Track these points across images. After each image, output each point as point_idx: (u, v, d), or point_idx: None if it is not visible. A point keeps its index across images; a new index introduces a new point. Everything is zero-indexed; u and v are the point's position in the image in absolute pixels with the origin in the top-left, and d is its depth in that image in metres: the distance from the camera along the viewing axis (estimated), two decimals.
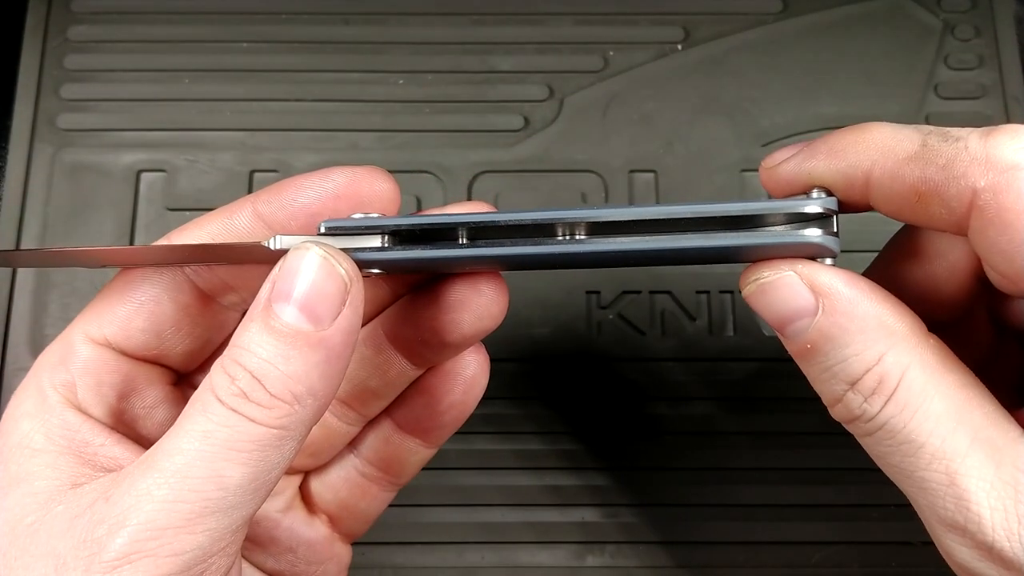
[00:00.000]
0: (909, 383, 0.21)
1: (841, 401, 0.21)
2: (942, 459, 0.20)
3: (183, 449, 0.21)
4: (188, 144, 0.36)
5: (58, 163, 0.36)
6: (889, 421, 0.21)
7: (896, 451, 0.21)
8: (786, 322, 0.22)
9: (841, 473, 0.33)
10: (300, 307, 0.21)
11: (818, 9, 0.38)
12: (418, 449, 0.28)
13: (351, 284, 0.22)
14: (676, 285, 0.35)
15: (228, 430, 0.21)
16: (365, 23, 0.38)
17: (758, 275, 0.22)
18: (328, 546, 0.28)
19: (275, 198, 0.24)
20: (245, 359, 0.21)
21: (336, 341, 0.21)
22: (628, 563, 0.33)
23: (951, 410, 0.20)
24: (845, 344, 0.21)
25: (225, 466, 0.20)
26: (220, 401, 0.21)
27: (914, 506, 0.22)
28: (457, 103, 0.37)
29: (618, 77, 0.37)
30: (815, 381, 0.22)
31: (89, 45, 0.37)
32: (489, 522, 0.33)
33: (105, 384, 0.24)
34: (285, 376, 0.21)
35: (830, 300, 0.21)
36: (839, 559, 0.33)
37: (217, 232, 0.24)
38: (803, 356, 0.22)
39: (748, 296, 0.23)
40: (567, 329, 0.35)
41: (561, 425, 0.34)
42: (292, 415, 0.21)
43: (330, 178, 0.24)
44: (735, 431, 0.34)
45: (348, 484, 0.29)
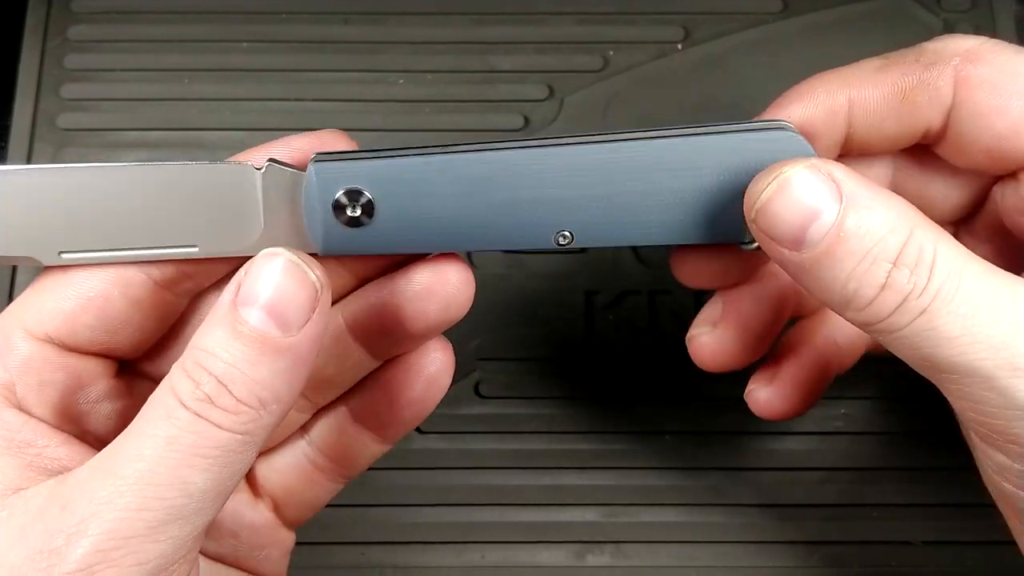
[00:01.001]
0: (945, 251, 0.20)
1: (886, 285, 0.20)
2: (1004, 310, 0.20)
3: (145, 455, 0.20)
4: (188, 144, 0.36)
5: (58, 163, 0.36)
6: (942, 288, 0.20)
7: (951, 324, 0.20)
8: (811, 218, 0.21)
9: (841, 473, 0.33)
10: (268, 312, 0.21)
11: (818, 9, 0.38)
12: (371, 444, 0.27)
13: (321, 291, 0.21)
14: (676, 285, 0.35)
15: (194, 436, 0.20)
16: (365, 23, 0.38)
17: (774, 174, 0.21)
18: (271, 531, 0.28)
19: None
20: (210, 363, 0.21)
21: (304, 348, 0.21)
22: (628, 563, 0.33)
23: (986, 270, 0.20)
24: (879, 224, 0.20)
25: (190, 472, 0.20)
26: (184, 406, 0.20)
27: (960, 396, 0.21)
28: (457, 103, 0.37)
29: (618, 77, 0.37)
30: (847, 280, 0.21)
31: (89, 45, 0.37)
32: (489, 522, 0.33)
33: (47, 382, 0.23)
34: (252, 381, 0.20)
35: (850, 184, 0.21)
36: (839, 559, 0.33)
37: None
38: (830, 253, 0.20)
39: (766, 201, 0.21)
40: (567, 329, 0.35)
41: (561, 425, 0.34)
42: (258, 420, 0.21)
43: (291, 145, 0.24)
44: (735, 431, 0.34)
45: (296, 471, 0.28)
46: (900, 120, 0.23)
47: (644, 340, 0.35)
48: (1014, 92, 0.22)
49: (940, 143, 0.24)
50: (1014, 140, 0.22)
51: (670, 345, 0.35)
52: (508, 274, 0.35)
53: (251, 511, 0.27)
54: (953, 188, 0.26)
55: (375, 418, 0.27)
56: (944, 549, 0.33)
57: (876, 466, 0.33)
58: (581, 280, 0.35)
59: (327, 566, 0.32)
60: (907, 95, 0.23)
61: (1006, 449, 0.21)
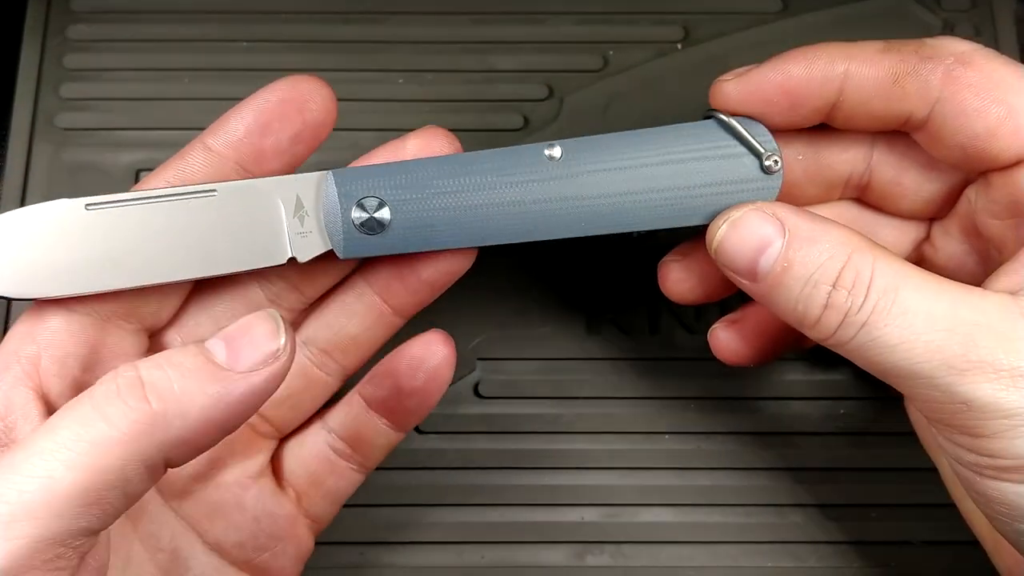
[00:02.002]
0: (883, 270, 0.23)
1: (827, 305, 0.23)
2: (939, 316, 0.22)
3: (26, 443, 0.20)
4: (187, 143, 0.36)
5: (57, 162, 0.36)
6: (878, 303, 0.22)
7: (889, 334, 0.22)
8: (759, 251, 0.24)
9: (841, 473, 0.33)
10: (224, 339, 0.22)
11: (818, 9, 0.38)
12: (385, 431, 0.29)
13: (281, 353, 0.22)
14: None
15: (75, 427, 0.20)
16: (365, 22, 0.38)
17: (726, 217, 0.25)
18: (291, 524, 0.28)
19: (221, 129, 0.25)
20: (144, 364, 0.21)
21: (236, 389, 0.21)
22: (628, 563, 0.33)
23: (923, 282, 0.23)
24: (818, 253, 0.23)
25: (57, 467, 0.19)
26: (91, 396, 0.21)
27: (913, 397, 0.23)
28: (457, 103, 0.37)
29: (618, 77, 0.37)
30: (796, 302, 0.24)
31: (89, 44, 0.37)
32: (489, 522, 0.33)
33: (71, 355, 0.24)
34: (168, 387, 0.21)
35: (793, 220, 0.24)
36: (839, 559, 0.33)
37: (174, 176, 0.25)
38: (778, 281, 0.24)
39: (721, 239, 0.25)
40: (566, 329, 0.35)
41: (561, 425, 0.34)
42: (148, 426, 0.20)
43: (270, 90, 0.26)
44: (734, 431, 0.34)
45: (319, 458, 0.29)
46: (887, 102, 0.25)
47: (644, 340, 0.35)
48: (994, 98, 0.24)
49: (919, 131, 0.26)
50: (988, 141, 0.24)
51: (670, 345, 0.35)
52: (508, 274, 0.35)
53: (273, 499, 0.28)
54: (926, 180, 0.27)
55: (385, 404, 0.28)
56: (944, 549, 0.33)
57: (876, 466, 0.33)
58: (581, 280, 0.35)
59: (327, 566, 0.32)
60: (899, 80, 0.24)
61: (956, 439, 0.23)
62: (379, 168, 0.26)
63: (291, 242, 0.25)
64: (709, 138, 0.26)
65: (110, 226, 0.24)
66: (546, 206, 0.26)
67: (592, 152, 0.26)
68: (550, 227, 0.26)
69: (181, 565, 0.26)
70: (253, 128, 0.25)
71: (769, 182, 0.26)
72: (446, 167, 0.26)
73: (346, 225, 0.25)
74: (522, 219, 0.26)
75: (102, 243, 0.24)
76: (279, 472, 0.29)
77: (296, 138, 0.26)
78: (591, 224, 0.26)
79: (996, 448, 0.22)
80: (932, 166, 0.27)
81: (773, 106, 0.25)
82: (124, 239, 0.24)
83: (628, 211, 0.26)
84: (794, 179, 0.27)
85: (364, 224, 0.25)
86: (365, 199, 0.25)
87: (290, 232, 0.25)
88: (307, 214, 0.25)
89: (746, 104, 0.26)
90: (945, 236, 0.28)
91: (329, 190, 0.25)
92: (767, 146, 0.26)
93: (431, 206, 0.25)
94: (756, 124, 0.26)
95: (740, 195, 0.26)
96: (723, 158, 0.26)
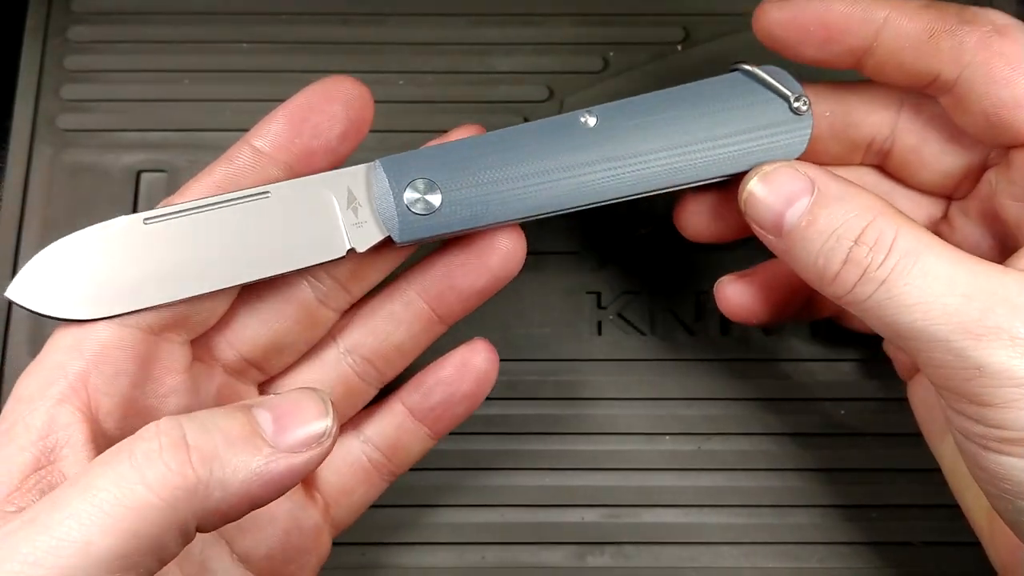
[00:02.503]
0: (906, 234, 0.23)
1: (847, 259, 0.23)
2: (959, 283, 0.22)
3: (63, 501, 0.19)
4: (188, 144, 0.36)
5: (58, 163, 0.36)
6: (899, 263, 0.23)
7: (907, 293, 0.23)
8: (788, 203, 0.24)
9: (841, 473, 0.33)
10: (273, 414, 0.22)
11: None
12: (424, 439, 0.29)
13: (325, 440, 0.22)
14: (676, 285, 0.35)
15: (114, 491, 0.19)
16: (365, 23, 0.38)
17: (759, 171, 0.25)
18: (316, 536, 0.28)
19: (268, 131, 0.26)
20: (189, 423, 0.21)
21: (277, 466, 0.21)
22: (628, 563, 0.33)
23: (945, 250, 0.23)
24: (844, 211, 0.24)
25: (94, 533, 0.19)
26: (131, 454, 0.20)
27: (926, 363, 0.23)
28: (457, 103, 0.37)
29: (618, 77, 0.37)
30: (817, 256, 0.24)
31: (89, 45, 0.37)
32: (489, 522, 0.33)
33: (121, 372, 0.24)
34: (213, 454, 0.20)
35: (823, 179, 0.24)
36: (839, 559, 0.33)
37: (222, 177, 0.25)
38: (803, 235, 0.24)
39: (751, 191, 0.25)
40: (567, 329, 0.35)
41: (561, 425, 0.34)
42: (187, 493, 0.20)
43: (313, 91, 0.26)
44: (734, 432, 0.34)
45: (353, 467, 0.29)
46: (919, 56, 0.25)
47: (644, 340, 0.35)
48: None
49: (945, 94, 0.26)
50: (1013, 111, 0.24)
51: (670, 346, 0.35)
52: None
53: (303, 512, 0.28)
54: (948, 153, 0.27)
55: (431, 413, 0.29)
56: (944, 549, 0.33)
57: (876, 467, 0.33)
58: (582, 280, 0.35)
59: (327, 566, 0.32)
60: (935, 36, 0.25)
61: (965, 409, 0.23)
62: (425, 151, 0.26)
63: (348, 234, 0.26)
64: (738, 88, 0.27)
65: (170, 237, 0.24)
66: (588, 172, 0.26)
67: (626, 115, 0.27)
68: (594, 192, 0.26)
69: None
70: (302, 130, 0.26)
71: (800, 123, 0.27)
72: (489, 144, 0.27)
73: (400, 210, 0.26)
74: (567, 187, 0.26)
75: (164, 255, 0.24)
76: (309, 480, 0.29)
77: (343, 137, 0.26)
78: (632, 185, 0.27)
79: (1005, 419, 0.22)
80: (955, 140, 0.27)
81: (809, 36, 0.26)
82: (184, 249, 0.24)
83: (667, 168, 0.27)
84: (819, 134, 0.28)
85: (417, 207, 0.26)
86: (415, 183, 0.26)
87: (345, 224, 0.26)
88: (360, 205, 0.26)
89: (783, 29, 0.26)
90: (962, 217, 0.28)
91: (379, 178, 0.26)
92: (794, 89, 0.27)
93: (478, 182, 0.26)
94: (781, 71, 0.27)
95: (774, 139, 0.27)
96: (753, 105, 0.27)
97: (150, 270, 0.24)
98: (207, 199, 0.25)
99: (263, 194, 0.25)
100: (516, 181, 0.26)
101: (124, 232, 0.24)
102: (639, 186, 0.27)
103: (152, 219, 0.24)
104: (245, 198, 0.25)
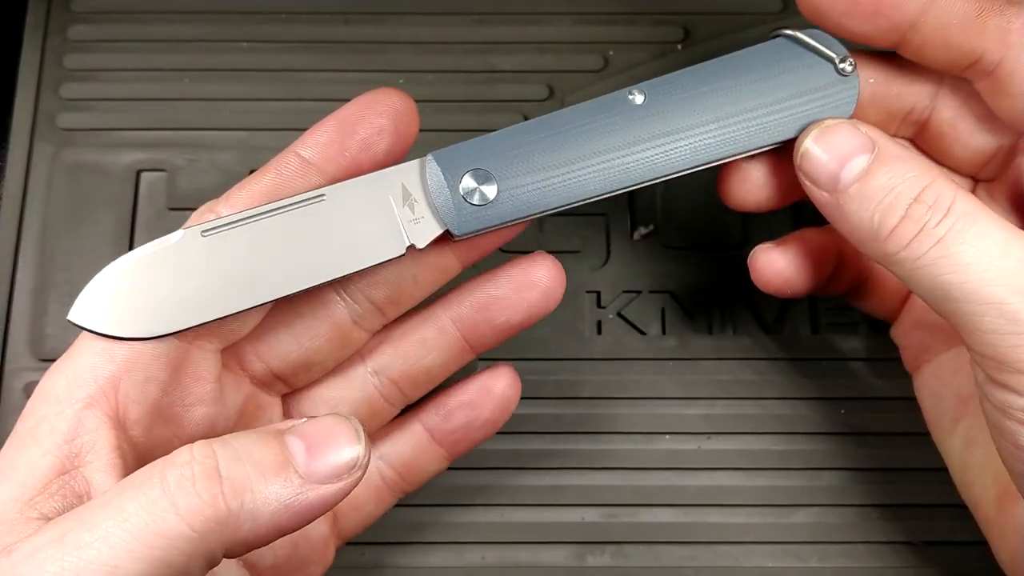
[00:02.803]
0: (963, 199, 0.23)
1: (906, 215, 0.23)
2: (1015, 247, 0.22)
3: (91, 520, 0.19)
4: (188, 144, 0.36)
5: (58, 162, 0.36)
6: (956, 223, 0.23)
7: (964, 252, 0.23)
8: (846, 160, 0.24)
9: (841, 473, 0.33)
10: (306, 442, 0.21)
11: None
12: (441, 460, 0.29)
13: (357, 469, 0.22)
14: (676, 285, 0.35)
15: (145, 517, 0.19)
16: (365, 23, 0.38)
17: (816, 127, 0.25)
18: (323, 547, 0.28)
19: (313, 140, 0.25)
20: (222, 451, 0.20)
21: (308, 496, 0.21)
22: (628, 563, 0.33)
23: (1000, 220, 0.23)
24: (905, 169, 0.24)
25: (123, 558, 0.19)
26: (163, 479, 0.20)
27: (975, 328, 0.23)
28: (457, 103, 0.37)
29: (618, 77, 0.37)
30: (873, 212, 0.24)
31: (89, 44, 0.37)
32: (489, 522, 0.33)
33: (152, 380, 0.23)
34: (245, 486, 0.20)
35: (883, 141, 0.24)
36: (840, 559, 0.33)
37: (269, 185, 0.25)
38: (860, 191, 0.24)
39: (809, 145, 0.25)
40: (567, 329, 0.35)
41: (561, 425, 0.34)
42: (218, 524, 0.20)
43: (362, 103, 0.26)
44: (734, 431, 0.34)
45: (365, 484, 0.28)
46: (966, 34, 0.25)
47: (644, 340, 0.35)
48: None
49: (986, 78, 0.26)
50: None
51: (670, 346, 0.35)
52: None
53: (313, 526, 0.27)
54: (982, 131, 0.27)
55: (451, 436, 0.29)
56: (944, 549, 0.33)
57: (876, 466, 0.33)
58: (581, 280, 0.35)
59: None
60: (983, 14, 0.25)
61: (1010, 380, 0.23)
62: (475, 142, 0.26)
63: (406, 231, 0.25)
64: (782, 54, 0.27)
65: (228, 248, 0.24)
66: (640, 150, 0.26)
67: (673, 90, 0.27)
68: (647, 170, 0.26)
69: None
70: (351, 143, 0.25)
71: (847, 84, 0.26)
72: (539, 129, 0.26)
73: (456, 203, 0.25)
74: (620, 167, 0.26)
75: (224, 266, 0.24)
76: None
77: (389, 151, 0.26)
78: (685, 160, 0.26)
79: None
80: (991, 118, 0.27)
81: (856, 7, 0.25)
82: (244, 258, 0.24)
83: (718, 139, 0.26)
84: (860, 101, 0.27)
85: (474, 198, 0.25)
86: (469, 174, 0.26)
87: (403, 221, 0.25)
88: (416, 201, 0.25)
89: (831, 2, 0.26)
90: (989, 200, 0.28)
91: (433, 173, 0.26)
92: (837, 51, 0.26)
93: (531, 168, 0.26)
94: (823, 34, 0.27)
95: (822, 101, 0.26)
96: (799, 70, 0.26)
97: (210, 283, 0.24)
98: (263, 207, 0.24)
99: (319, 197, 0.25)
100: (569, 165, 0.26)
101: (183, 246, 0.24)
102: (692, 160, 0.26)
103: (210, 231, 0.24)
104: (302, 203, 0.25)
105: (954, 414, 0.28)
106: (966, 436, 0.28)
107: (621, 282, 0.35)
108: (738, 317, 0.35)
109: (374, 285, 0.27)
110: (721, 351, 0.34)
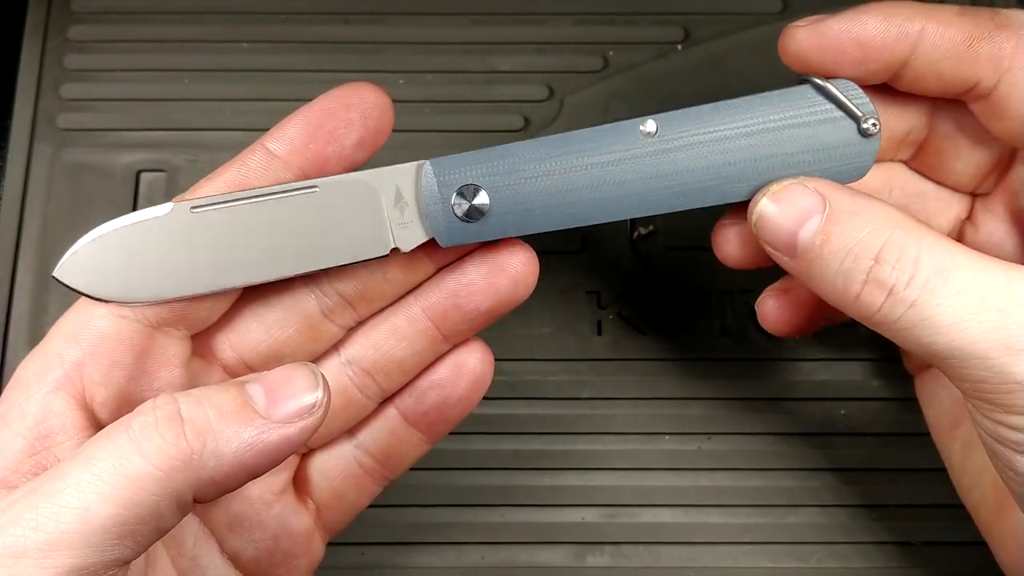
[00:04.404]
0: (931, 248, 0.22)
1: (868, 279, 0.22)
2: (994, 297, 0.22)
3: (63, 471, 0.20)
4: (188, 144, 0.36)
5: (58, 163, 0.36)
6: (929, 281, 0.22)
7: (943, 314, 0.22)
8: (799, 224, 0.23)
9: (841, 473, 0.33)
10: (264, 387, 0.22)
11: (818, 9, 0.38)
12: (419, 444, 0.29)
13: (317, 410, 0.22)
14: (676, 285, 0.35)
15: (113, 460, 0.20)
16: (365, 23, 0.38)
17: (767, 190, 0.25)
18: (307, 540, 0.28)
19: (283, 135, 0.25)
20: (184, 399, 0.21)
21: (270, 436, 0.21)
22: (628, 564, 0.33)
23: (974, 261, 0.22)
24: (859, 226, 0.23)
25: (93, 500, 0.20)
26: (128, 427, 0.21)
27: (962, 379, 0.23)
28: (457, 103, 0.37)
29: (618, 77, 0.37)
30: (835, 276, 0.23)
31: (89, 45, 0.37)
32: (489, 522, 0.33)
33: (117, 364, 0.24)
34: (207, 427, 0.21)
35: (834, 194, 0.24)
36: (839, 559, 0.33)
37: (233, 179, 0.25)
38: (818, 255, 0.23)
39: (761, 212, 0.24)
40: (567, 329, 0.35)
41: (561, 425, 0.34)
42: (185, 464, 0.20)
43: (331, 97, 0.25)
44: (734, 431, 0.34)
45: (344, 473, 0.29)
46: (959, 64, 0.25)
47: (644, 341, 0.35)
48: None
49: (981, 101, 0.25)
50: None
51: (670, 346, 0.35)
52: None
53: (294, 516, 0.28)
54: (980, 147, 0.27)
55: (425, 417, 0.28)
56: (944, 549, 0.33)
57: (876, 467, 0.33)
58: (581, 280, 0.35)
59: (327, 566, 0.32)
60: (974, 43, 0.24)
61: (1000, 418, 0.22)
62: (476, 155, 0.26)
63: (393, 233, 0.25)
64: (804, 103, 0.25)
65: (215, 226, 0.24)
66: (643, 182, 0.25)
67: (687, 125, 0.25)
68: (648, 203, 0.26)
69: (200, 574, 0.26)
70: (317, 135, 0.25)
71: (867, 146, 0.25)
72: (542, 149, 0.25)
73: (447, 213, 0.25)
74: (620, 196, 0.25)
75: (209, 243, 0.24)
76: (301, 486, 0.29)
77: (358, 144, 0.26)
78: (689, 198, 0.26)
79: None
80: (983, 139, 0.27)
81: (845, 56, 0.25)
82: (230, 239, 0.24)
83: (726, 182, 0.25)
84: None
85: (465, 211, 0.25)
86: (464, 187, 0.25)
87: (391, 223, 0.25)
88: (407, 204, 0.25)
89: (818, 52, 0.25)
90: (987, 214, 0.28)
91: (428, 180, 0.25)
92: (864, 109, 0.25)
93: (529, 189, 0.25)
94: (852, 86, 0.25)
95: (838, 159, 0.25)
96: (820, 123, 0.25)
97: (195, 258, 0.24)
98: (256, 190, 0.25)
99: (311, 188, 0.25)
100: (568, 191, 0.25)
101: (171, 218, 0.24)
102: (692, 200, 0.26)
103: (199, 207, 0.24)
104: (294, 191, 0.25)
105: (953, 418, 0.28)
106: (965, 441, 0.28)
107: (621, 282, 0.35)
108: (738, 317, 0.35)
109: (343, 279, 0.27)
110: (721, 352, 0.34)
